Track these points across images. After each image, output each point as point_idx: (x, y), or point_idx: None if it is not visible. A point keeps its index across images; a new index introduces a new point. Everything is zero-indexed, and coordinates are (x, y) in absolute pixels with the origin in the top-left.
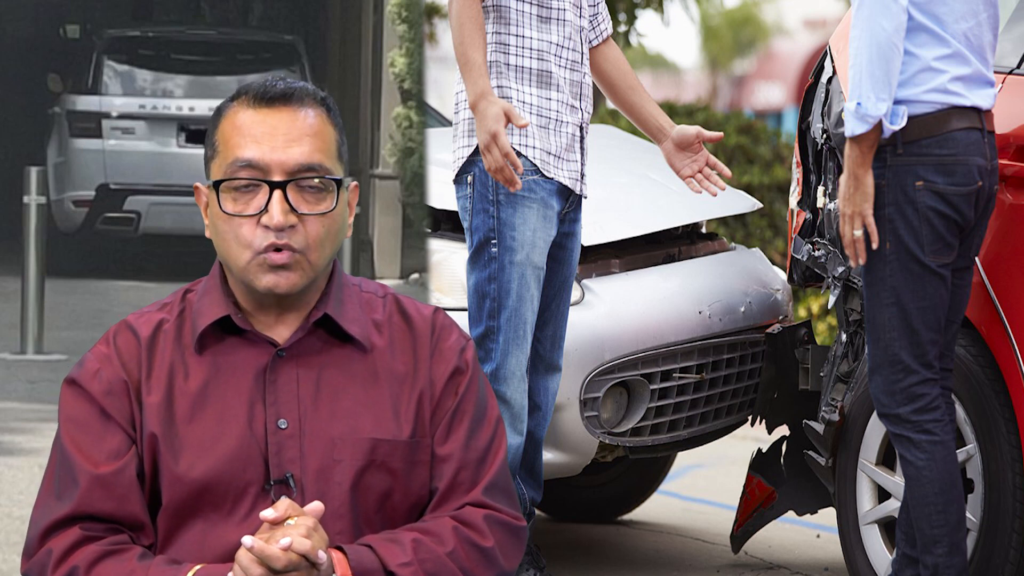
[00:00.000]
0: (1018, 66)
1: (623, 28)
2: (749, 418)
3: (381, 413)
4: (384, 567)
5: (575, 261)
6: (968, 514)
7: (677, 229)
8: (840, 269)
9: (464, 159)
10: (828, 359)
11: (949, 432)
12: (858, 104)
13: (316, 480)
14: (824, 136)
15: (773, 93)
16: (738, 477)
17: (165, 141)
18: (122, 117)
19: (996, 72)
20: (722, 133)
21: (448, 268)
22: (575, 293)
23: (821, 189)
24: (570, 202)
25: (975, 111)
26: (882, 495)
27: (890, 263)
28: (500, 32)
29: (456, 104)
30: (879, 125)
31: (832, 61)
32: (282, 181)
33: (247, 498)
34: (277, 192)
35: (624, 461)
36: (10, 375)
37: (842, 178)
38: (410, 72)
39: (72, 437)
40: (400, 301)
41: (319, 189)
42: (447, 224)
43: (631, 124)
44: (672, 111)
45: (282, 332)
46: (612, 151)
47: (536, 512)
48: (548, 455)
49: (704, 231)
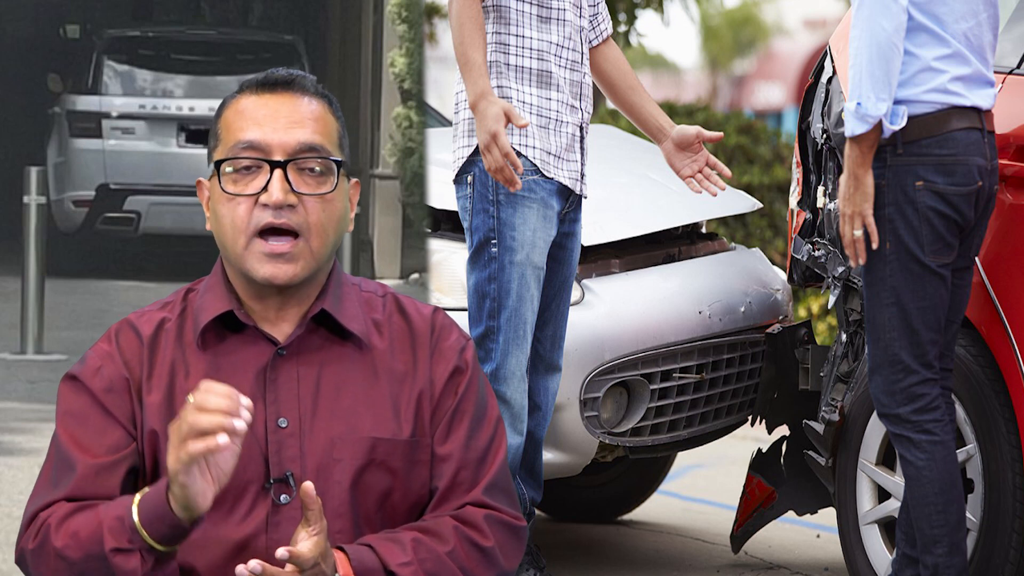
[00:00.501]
0: (1018, 66)
1: (623, 28)
2: (749, 418)
3: (381, 412)
4: (384, 566)
5: (575, 261)
6: (968, 514)
7: (677, 229)
8: (840, 269)
9: (464, 159)
10: (828, 359)
11: (949, 432)
12: (858, 104)
13: (316, 479)
14: (824, 136)
15: (773, 93)
16: (738, 477)
17: (165, 141)
18: (122, 117)
19: (996, 72)
20: (722, 133)
21: (448, 268)
22: (575, 293)
23: (821, 189)
24: (570, 202)
25: (975, 111)
26: (882, 495)
27: (890, 263)
28: (500, 32)
29: (456, 104)
30: (879, 125)
31: (832, 61)
32: (283, 160)
33: (247, 496)
34: (277, 171)
35: (624, 461)
36: (10, 375)
37: (842, 178)
38: (410, 72)
39: (70, 432)
40: (400, 301)
41: (320, 172)
42: (447, 224)
43: (631, 124)
44: (672, 111)
45: (283, 328)
46: (612, 151)
47: (536, 512)
48: (548, 455)
49: (704, 231)
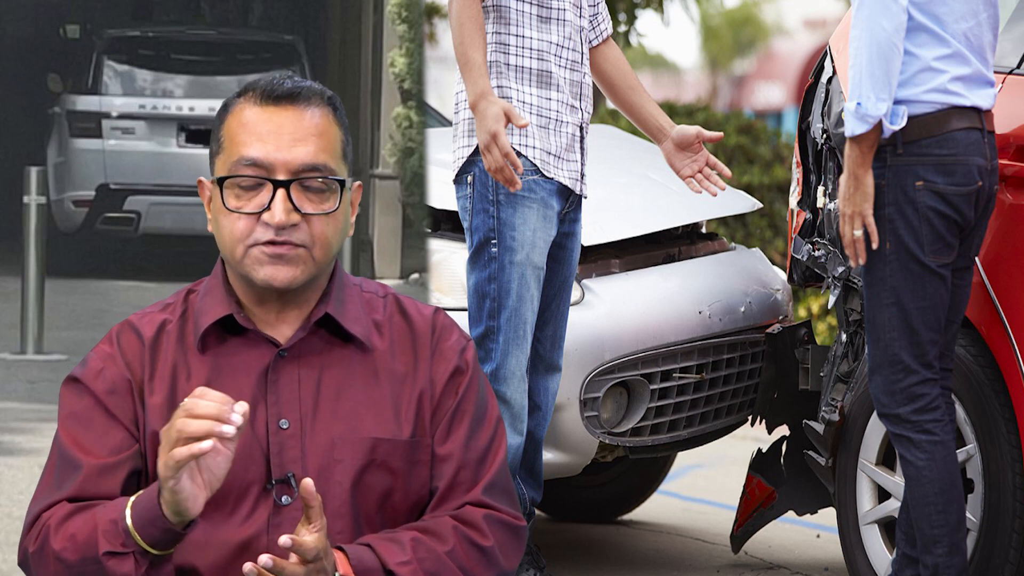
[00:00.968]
0: (1018, 66)
1: (623, 28)
2: (749, 418)
3: (381, 413)
4: (384, 566)
5: (575, 261)
6: (968, 514)
7: (677, 229)
8: (840, 269)
9: (464, 159)
10: (828, 359)
11: (949, 432)
12: (858, 104)
13: (317, 479)
14: (824, 136)
15: (773, 93)
16: (738, 477)
17: (165, 141)
18: (122, 117)
19: (996, 72)
20: (722, 133)
21: (448, 268)
22: (575, 293)
23: (821, 189)
24: (570, 202)
25: (975, 111)
26: (882, 495)
27: (890, 263)
28: (500, 32)
29: (456, 104)
30: (879, 125)
31: (832, 61)
32: (286, 180)
33: (249, 498)
34: (280, 191)
35: (624, 461)
36: (10, 375)
37: (842, 178)
38: (410, 72)
39: (73, 434)
40: (400, 301)
41: (323, 189)
42: (447, 224)
43: (631, 124)
44: (672, 111)
45: (283, 331)
46: (612, 151)
47: (536, 512)
48: (548, 455)
49: (704, 231)
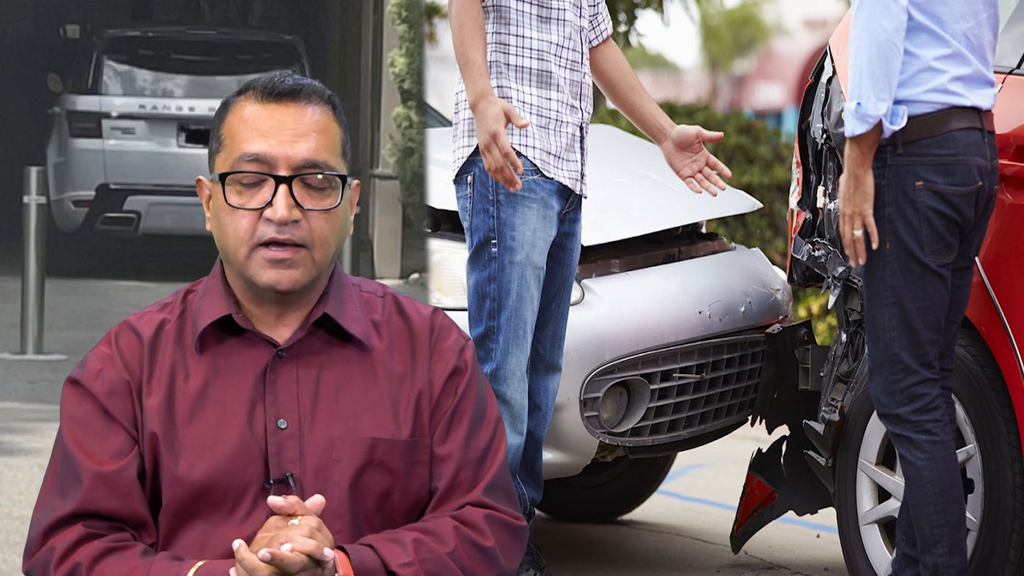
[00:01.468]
0: (1018, 66)
1: (623, 28)
2: (749, 418)
3: (380, 413)
4: (385, 567)
5: (575, 261)
6: (968, 514)
7: (677, 229)
8: (840, 269)
9: (464, 159)
10: (828, 359)
11: (949, 432)
12: (858, 104)
13: (315, 479)
14: (824, 136)
15: (773, 93)
16: (738, 477)
17: (165, 141)
18: (122, 117)
19: (996, 72)
20: (722, 133)
21: (448, 268)
22: (575, 293)
23: (821, 189)
24: (570, 202)
25: (975, 111)
26: (882, 495)
27: (890, 263)
28: (500, 32)
29: (456, 104)
30: (879, 125)
31: (832, 61)
32: (288, 176)
33: (247, 498)
34: (282, 186)
35: (624, 461)
36: (10, 375)
37: (842, 178)
38: (410, 72)
39: (75, 436)
40: (399, 301)
41: (323, 186)
42: (447, 224)
43: (631, 124)
44: (672, 111)
45: (282, 332)
46: (612, 151)
47: (536, 512)
48: (548, 455)
49: (704, 231)
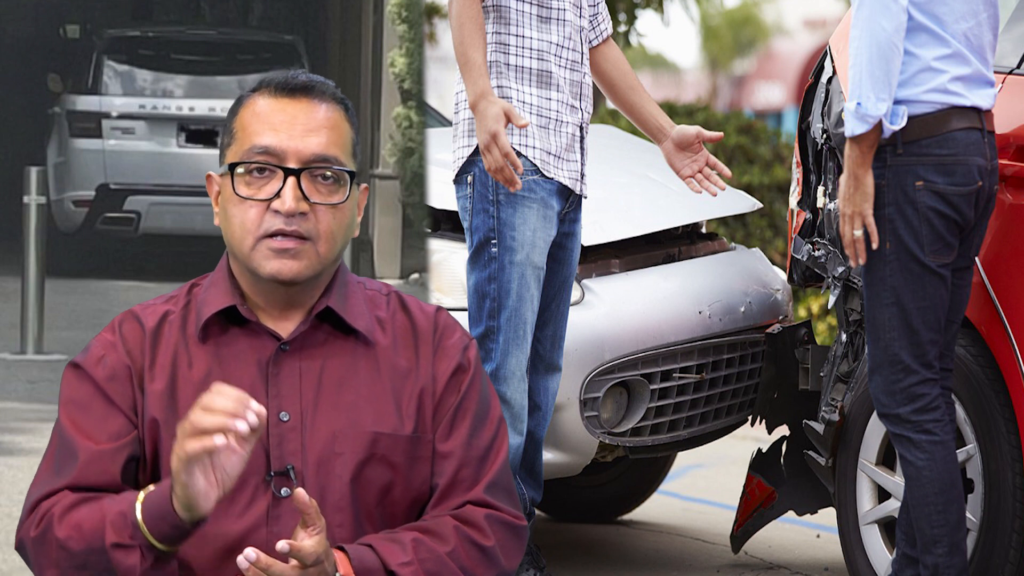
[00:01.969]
0: (1018, 66)
1: (623, 28)
2: (749, 418)
3: (383, 407)
4: (385, 566)
5: (575, 261)
6: (968, 514)
7: (677, 229)
8: (840, 269)
9: (464, 159)
10: (828, 359)
11: (949, 432)
12: (858, 104)
13: (316, 472)
14: (824, 136)
15: (773, 93)
16: (738, 477)
17: (165, 141)
18: (122, 117)
19: (996, 72)
20: (722, 133)
21: (448, 268)
22: (575, 293)
23: (821, 189)
24: (570, 202)
25: (975, 111)
26: (882, 495)
27: (890, 263)
28: (500, 32)
29: (456, 104)
30: (879, 125)
31: (832, 61)
32: (297, 168)
33: (247, 489)
34: (291, 179)
35: (624, 461)
36: (10, 375)
37: (842, 178)
38: (410, 72)
39: (73, 418)
40: (403, 299)
41: (332, 181)
42: (447, 224)
43: (631, 124)
44: (672, 111)
45: (286, 326)
46: (612, 151)
47: (536, 512)
48: (548, 455)
49: (704, 231)
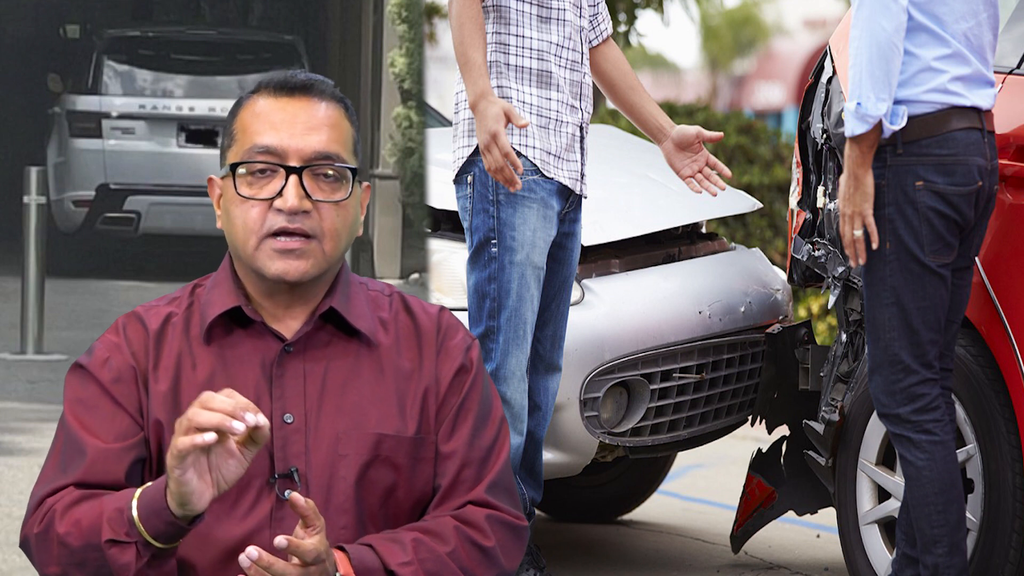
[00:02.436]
0: (1018, 66)
1: (623, 28)
2: (749, 418)
3: (387, 408)
4: (385, 566)
5: (575, 261)
6: (968, 514)
7: (677, 229)
8: (840, 269)
9: (464, 159)
10: (828, 359)
11: (949, 432)
12: (858, 104)
13: (321, 474)
14: (824, 136)
15: (773, 93)
16: (738, 477)
17: (165, 141)
18: (122, 117)
19: (996, 72)
20: (722, 133)
21: (448, 268)
22: (575, 293)
23: (821, 189)
24: (570, 202)
25: (975, 111)
26: (882, 495)
27: (890, 263)
28: (500, 32)
29: (456, 104)
30: (879, 125)
31: (832, 61)
32: (298, 167)
33: (251, 491)
34: (293, 177)
35: (624, 461)
36: (10, 375)
37: (842, 178)
38: (410, 72)
39: (79, 417)
40: (406, 300)
41: (335, 178)
42: (447, 224)
43: (631, 124)
44: (672, 111)
45: (290, 325)
46: (612, 151)
47: (536, 512)
48: (548, 455)
49: (704, 231)
